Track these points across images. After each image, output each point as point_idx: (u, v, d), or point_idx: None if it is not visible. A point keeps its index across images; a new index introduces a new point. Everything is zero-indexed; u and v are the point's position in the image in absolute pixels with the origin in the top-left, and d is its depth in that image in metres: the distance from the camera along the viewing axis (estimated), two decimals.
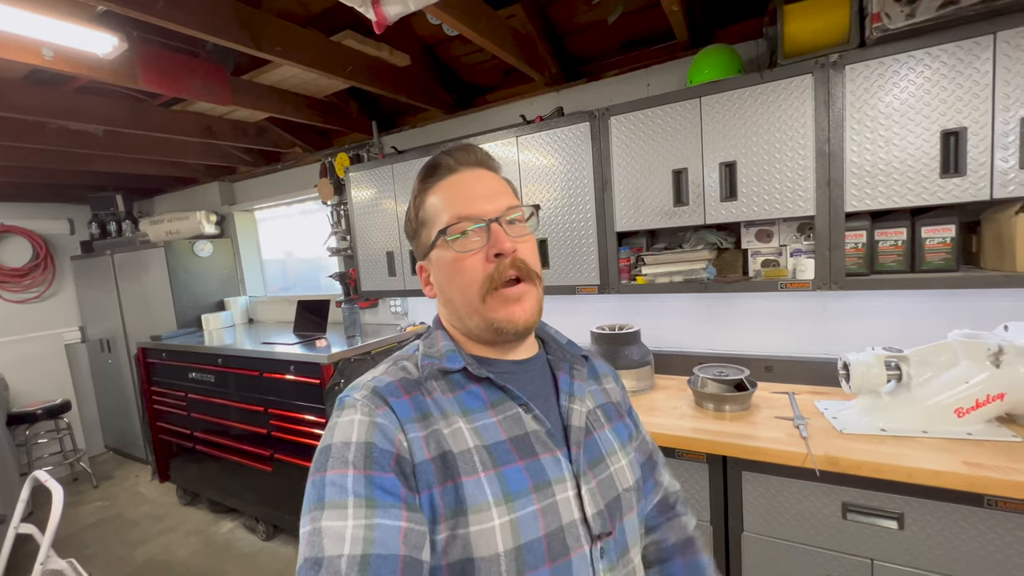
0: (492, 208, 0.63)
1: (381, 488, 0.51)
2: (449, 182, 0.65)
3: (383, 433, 0.55)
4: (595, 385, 0.75)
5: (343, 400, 0.59)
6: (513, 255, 0.62)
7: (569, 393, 0.68)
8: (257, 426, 2.67)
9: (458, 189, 0.65)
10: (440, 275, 0.66)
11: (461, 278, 0.62)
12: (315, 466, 0.54)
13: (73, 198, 4.17)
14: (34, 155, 2.82)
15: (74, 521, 3.19)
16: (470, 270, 0.62)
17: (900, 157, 1.39)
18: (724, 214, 1.65)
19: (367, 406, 0.57)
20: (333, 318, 3.10)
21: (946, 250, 1.44)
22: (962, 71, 1.29)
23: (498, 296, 0.62)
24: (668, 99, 1.68)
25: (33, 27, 1.43)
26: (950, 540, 1.18)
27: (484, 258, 0.62)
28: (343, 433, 0.55)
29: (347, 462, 0.52)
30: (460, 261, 0.62)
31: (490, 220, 0.62)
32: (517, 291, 0.62)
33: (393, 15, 1.20)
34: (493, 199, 0.64)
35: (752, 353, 1.97)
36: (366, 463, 0.52)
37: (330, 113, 2.66)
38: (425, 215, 0.66)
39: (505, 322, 0.62)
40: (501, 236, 0.62)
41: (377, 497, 0.51)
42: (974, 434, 1.29)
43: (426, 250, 0.67)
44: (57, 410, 3.60)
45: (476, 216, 0.62)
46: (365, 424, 0.55)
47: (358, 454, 0.53)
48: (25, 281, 3.99)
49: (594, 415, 0.70)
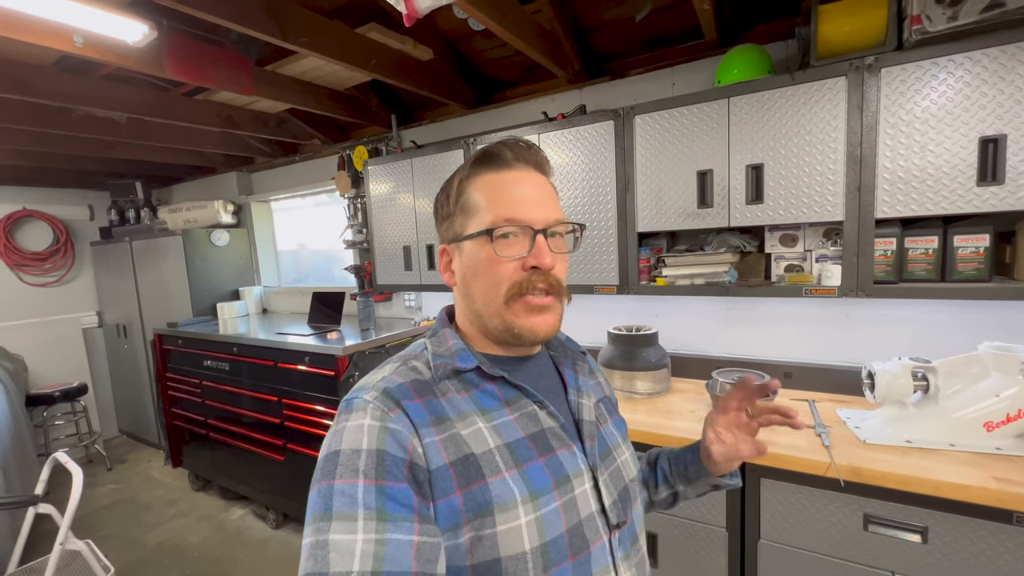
0: (540, 217, 0.62)
1: (393, 500, 0.49)
2: (502, 177, 0.63)
3: (396, 439, 0.52)
4: (592, 380, 0.77)
5: (352, 402, 0.57)
6: (549, 271, 0.62)
7: (576, 388, 0.70)
8: (270, 415, 2.70)
9: (511, 188, 0.63)
10: (467, 267, 0.64)
11: (490, 278, 0.62)
12: (321, 473, 0.51)
13: (93, 184, 4.23)
14: (58, 141, 2.86)
15: (89, 503, 3.24)
16: (502, 273, 0.61)
17: (935, 163, 1.36)
18: (749, 217, 1.62)
19: (378, 409, 0.54)
20: (347, 311, 3.12)
21: (979, 260, 1.41)
22: (1004, 76, 1.26)
23: (523, 303, 0.61)
24: (696, 99, 1.66)
25: (66, 13, 1.44)
26: (976, 556, 1.16)
27: (520, 266, 0.61)
28: (352, 439, 0.52)
29: (357, 471, 0.50)
30: (496, 263, 0.61)
31: (537, 231, 0.61)
32: (544, 302, 0.62)
33: (424, 8, 1.20)
34: (543, 208, 0.63)
35: (772, 359, 1.94)
36: (377, 472, 0.50)
37: (350, 106, 2.66)
38: (468, 202, 0.64)
39: (526, 330, 0.62)
40: (544, 250, 0.61)
41: (388, 510, 0.48)
42: (1004, 449, 1.26)
43: (457, 237, 0.65)
44: (74, 393, 3.66)
45: (524, 223, 0.61)
46: (376, 429, 0.53)
47: (369, 462, 0.50)
48: (46, 265, 4.06)
49: (599, 409, 0.72)
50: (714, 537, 1.48)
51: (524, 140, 0.66)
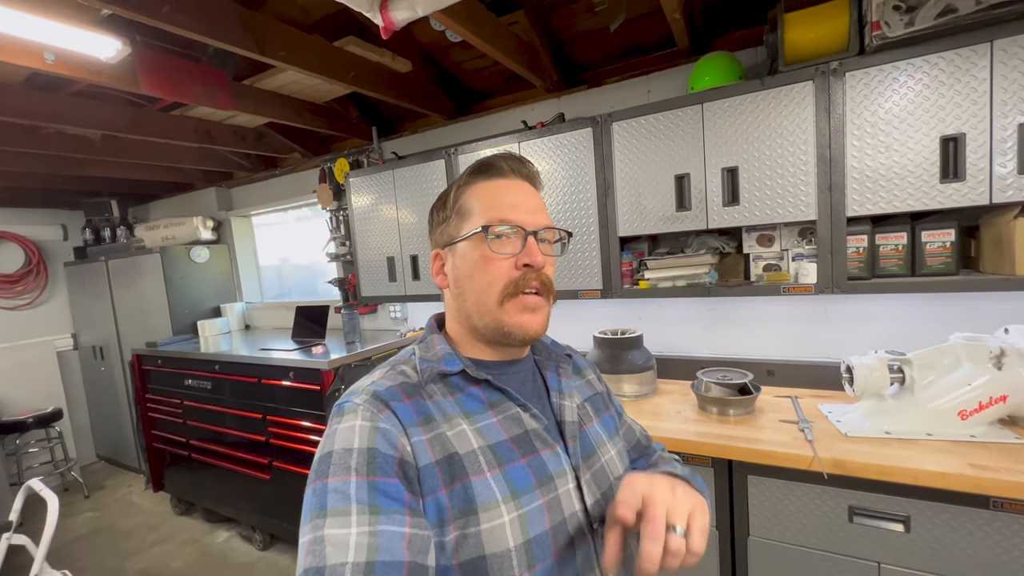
0: (533, 221, 0.66)
1: (384, 494, 0.51)
2: (498, 184, 0.68)
3: (386, 437, 0.54)
4: (579, 380, 0.79)
5: (343, 406, 0.59)
6: (540, 270, 0.65)
7: (559, 391, 0.72)
8: (255, 433, 2.64)
9: (506, 194, 0.67)
10: (462, 268, 0.67)
11: (485, 277, 0.64)
12: (315, 474, 0.54)
13: (67, 204, 4.13)
14: (28, 160, 2.79)
15: (66, 532, 3.12)
16: (496, 271, 0.64)
17: (900, 163, 1.41)
18: (726, 219, 1.66)
19: (368, 411, 0.57)
20: (332, 324, 3.08)
21: (946, 254, 1.46)
22: (960, 78, 1.32)
23: (517, 302, 0.64)
24: (671, 105, 1.70)
25: (36, 30, 1.42)
26: (956, 542, 1.19)
27: (513, 265, 0.64)
28: (344, 439, 0.54)
29: (350, 468, 0.52)
30: (490, 261, 0.64)
31: (529, 232, 0.65)
32: (535, 301, 0.65)
33: (401, 20, 1.21)
34: (535, 213, 0.67)
35: (754, 357, 1.98)
36: (369, 469, 0.52)
37: (330, 118, 2.66)
38: (464, 206, 0.68)
39: (517, 329, 0.64)
40: (535, 249, 0.65)
41: (380, 503, 0.50)
42: (978, 436, 1.30)
43: (451, 240, 0.68)
44: (48, 419, 3.54)
45: (518, 224, 0.65)
46: (367, 429, 0.55)
47: (361, 460, 0.52)
48: (17, 288, 3.94)
49: (583, 409, 0.74)
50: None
51: (518, 155, 0.71)
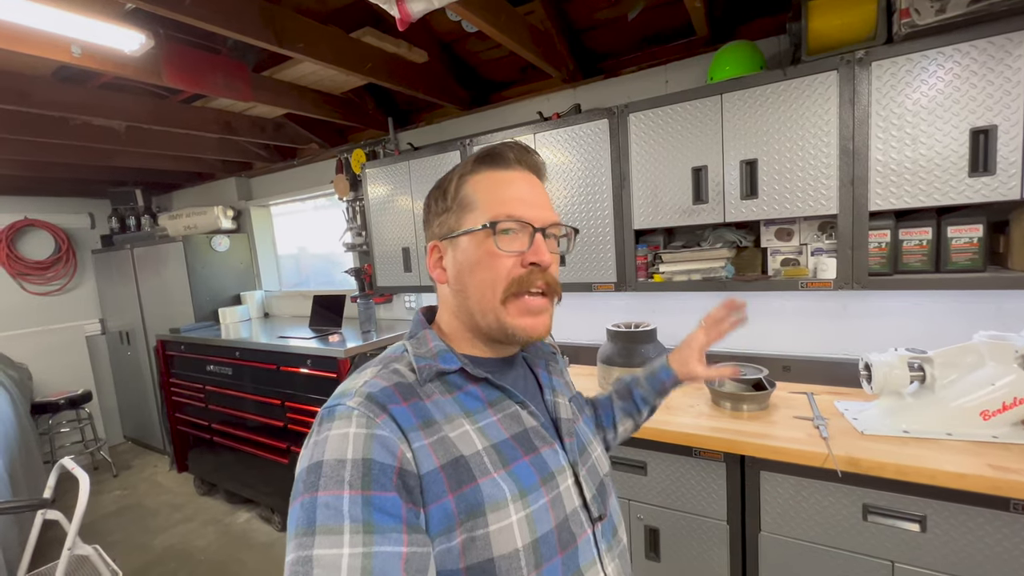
0: (540, 217, 0.64)
1: (380, 510, 0.47)
2: (504, 175, 0.65)
3: (383, 445, 0.50)
4: (562, 379, 0.80)
5: (334, 409, 0.54)
6: (547, 269, 0.63)
7: (551, 388, 0.73)
8: (274, 419, 2.71)
9: (513, 187, 0.64)
10: (463, 263, 0.64)
11: (488, 273, 0.62)
12: (304, 486, 0.48)
13: (94, 193, 4.25)
14: (58, 150, 2.88)
15: (96, 509, 3.26)
16: (501, 268, 0.62)
17: (927, 155, 1.37)
18: (744, 212, 1.63)
19: (364, 416, 0.52)
20: (348, 313, 3.13)
21: (973, 250, 1.41)
22: (993, 68, 1.27)
23: (521, 303, 0.62)
24: (689, 96, 1.67)
25: (64, 24, 1.46)
26: (974, 544, 1.17)
27: (519, 261, 0.62)
28: (336, 448, 0.50)
29: (342, 481, 0.47)
30: (496, 257, 0.62)
31: (537, 228, 0.63)
32: (540, 304, 0.64)
33: (417, 12, 1.21)
34: (541, 208, 0.65)
35: (770, 352, 1.95)
36: (364, 482, 0.48)
37: (347, 109, 2.67)
38: (467, 198, 0.64)
39: (520, 331, 0.63)
40: (543, 247, 0.63)
41: (376, 521, 0.46)
42: (1000, 437, 1.27)
43: (452, 232, 0.65)
44: (79, 400, 3.68)
45: (525, 220, 0.62)
46: (362, 437, 0.50)
47: (355, 472, 0.48)
48: (48, 274, 4.08)
49: (571, 407, 0.74)
50: (715, 530, 1.49)
51: (525, 144, 0.68)
